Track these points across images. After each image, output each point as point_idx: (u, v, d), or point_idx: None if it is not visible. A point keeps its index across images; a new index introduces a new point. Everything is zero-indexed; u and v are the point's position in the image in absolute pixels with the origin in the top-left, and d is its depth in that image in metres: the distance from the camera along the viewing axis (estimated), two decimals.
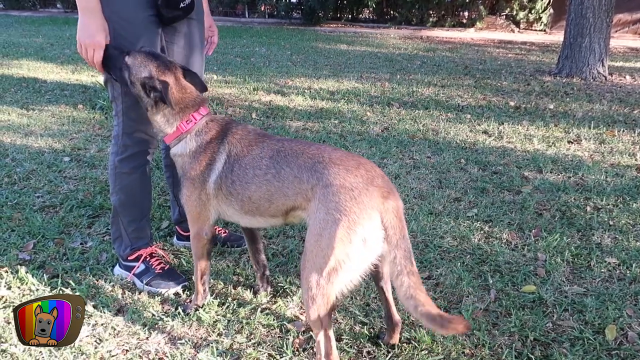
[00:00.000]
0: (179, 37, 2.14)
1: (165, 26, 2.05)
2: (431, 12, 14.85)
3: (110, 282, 2.23)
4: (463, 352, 1.86)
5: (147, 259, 2.23)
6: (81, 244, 2.55)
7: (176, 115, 1.88)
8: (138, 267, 2.22)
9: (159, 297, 2.14)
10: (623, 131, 4.59)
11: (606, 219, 2.88)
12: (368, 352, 1.86)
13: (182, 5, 1.98)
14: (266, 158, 1.74)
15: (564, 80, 7.00)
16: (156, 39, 2.01)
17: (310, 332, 1.93)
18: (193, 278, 2.23)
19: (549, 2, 14.30)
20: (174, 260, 2.43)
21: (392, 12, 15.76)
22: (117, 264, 2.30)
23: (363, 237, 1.50)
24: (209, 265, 2.05)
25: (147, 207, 2.29)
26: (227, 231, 2.58)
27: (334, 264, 1.50)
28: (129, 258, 2.24)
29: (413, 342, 1.90)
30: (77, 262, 2.37)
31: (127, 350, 1.85)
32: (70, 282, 2.22)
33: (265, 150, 1.77)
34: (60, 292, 2.15)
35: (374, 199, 1.52)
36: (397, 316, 1.84)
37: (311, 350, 1.85)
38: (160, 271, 2.21)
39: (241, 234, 2.59)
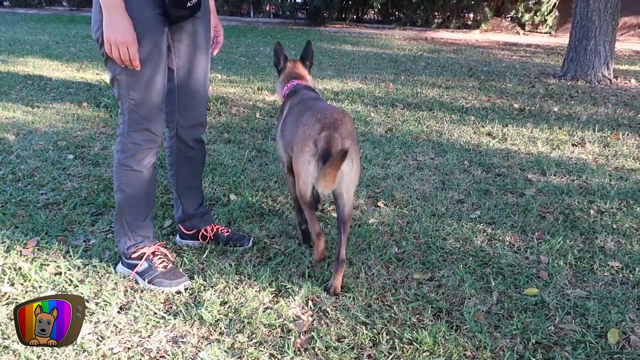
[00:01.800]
0: (185, 36, 2.14)
1: (171, 25, 2.05)
2: (436, 14, 14.83)
3: (112, 280, 2.24)
4: (464, 354, 1.86)
5: (150, 257, 2.24)
6: (84, 241, 2.56)
7: (282, 82, 2.74)
8: (141, 265, 2.22)
9: (161, 295, 2.15)
10: (628, 134, 4.57)
11: (610, 223, 2.87)
12: (369, 356, 1.86)
13: (189, 4, 1.98)
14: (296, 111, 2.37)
15: (568, 83, 6.98)
16: (163, 38, 2.01)
17: (312, 332, 1.94)
18: (198, 276, 2.24)
19: (555, 4, 14.27)
20: (177, 258, 2.44)
21: (397, 13, 15.75)
22: (120, 262, 2.31)
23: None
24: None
25: (150, 206, 2.29)
26: (229, 230, 2.59)
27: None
28: (131, 256, 2.24)
29: (415, 343, 1.90)
30: (80, 259, 2.38)
31: (128, 348, 1.86)
32: (73, 279, 2.22)
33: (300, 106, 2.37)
34: (63, 289, 2.16)
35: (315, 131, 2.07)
36: (343, 255, 2.18)
37: (312, 350, 1.86)
38: (163, 269, 2.22)
39: (244, 234, 2.60)
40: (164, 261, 2.25)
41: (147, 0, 1.92)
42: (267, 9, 16.38)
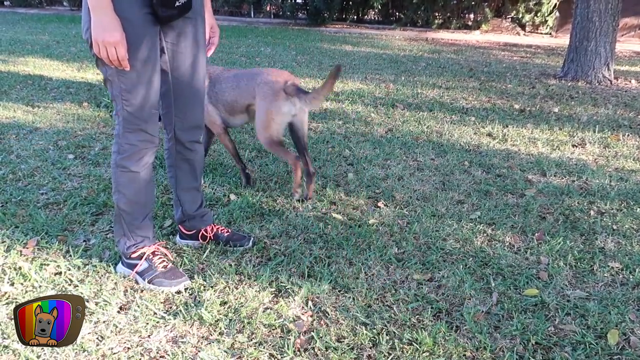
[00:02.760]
0: (179, 36, 2.12)
1: (161, 25, 2.03)
2: (437, 14, 14.84)
3: (112, 280, 2.24)
4: (464, 355, 1.86)
5: (150, 257, 2.24)
6: (84, 241, 2.56)
7: None
8: (140, 265, 2.22)
9: (161, 295, 2.15)
10: (628, 135, 4.57)
11: (610, 224, 2.87)
12: (369, 356, 1.86)
13: (177, 4, 1.95)
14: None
15: (569, 84, 6.99)
16: (154, 37, 1.99)
17: (312, 333, 1.94)
18: (197, 276, 2.24)
19: (555, 5, 14.27)
20: (177, 258, 2.44)
21: (397, 13, 15.76)
22: (120, 262, 2.31)
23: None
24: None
25: (150, 206, 2.29)
26: (229, 230, 2.59)
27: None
28: (131, 256, 2.24)
29: (415, 344, 1.90)
30: (80, 259, 2.38)
31: (128, 348, 1.86)
32: (73, 279, 2.22)
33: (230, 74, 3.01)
34: (63, 289, 2.16)
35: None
36: (312, 169, 3.03)
37: (312, 351, 1.86)
38: (163, 269, 2.21)
39: (244, 234, 2.60)
40: (163, 261, 2.25)
41: (136, 0, 1.89)
42: (268, 9, 16.40)
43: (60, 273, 2.27)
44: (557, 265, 2.44)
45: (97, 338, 1.90)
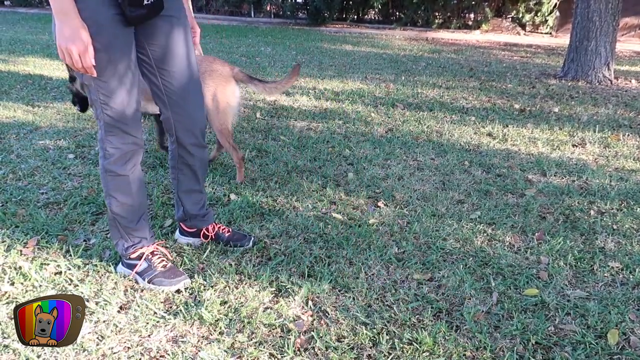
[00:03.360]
0: (159, 36, 2.05)
1: (134, 26, 1.96)
2: (437, 14, 14.84)
3: (112, 280, 2.24)
4: (464, 355, 1.86)
5: (149, 257, 2.23)
6: (84, 240, 2.56)
7: None
8: (140, 265, 2.22)
9: (162, 295, 2.15)
10: (628, 135, 4.57)
11: (610, 223, 2.87)
12: (369, 356, 1.86)
13: (146, 2, 1.88)
14: None
15: (569, 84, 6.98)
16: (126, 39, 1.93)
17: (312, 332, 1.94)
18: (197, 275, 2.24)
19: (556, 5, 14.27)
20: (177, 258, 2.44)
21: (397, 13, 15.75)
22: (120, 262, 2.30)
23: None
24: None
25: (143, 206, 2.26)
26: (230, 230, 2.59)
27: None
28: (130, 256, 2.24)
29: (415, 343, 1.90)
30: (81, 259, 2.38)
31: (128, 348, 1.86)
32: (73, 279, 2.23)
33: None
34: (63, 289, 2.16)
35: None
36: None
37: (312, 350, 1.86)
38: (163, 269, 2.21)
39: (244, 234, 2.59)
40: (163, 260, 2.25)
41: (103, 0, 1.82)
42: (268, 8, 16.40)
43: (61, 273, 2.27)
44: (557, 265, 2.44)
45: (98, 337, 1.90)
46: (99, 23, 1.83)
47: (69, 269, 2.30)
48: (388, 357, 1.84)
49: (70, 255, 2.41)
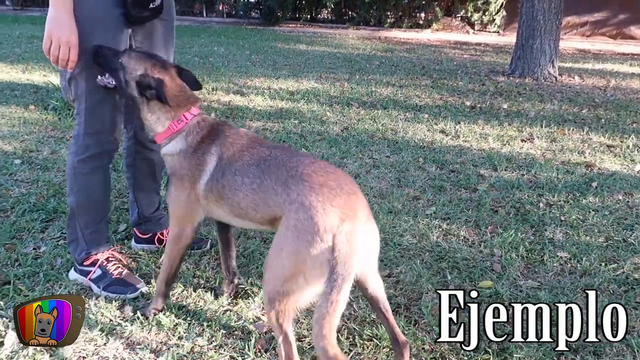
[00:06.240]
0: (152, 38, 2.10)
1: (134, 26, 2.01)
2: (389, 13, 15.06)
3: (65, 288, 2.17)
4: (423, 348, 1.89)
5: (104, 264, 2.17)
6: (34, 249, 2.47)
7: (167, 114, 1.87)
8: (94, 272, 2.16)
9: (117, 302, 2.09)
10: (573, 130, 4.76)
11: (558, 215, 2.98)
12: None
13: (151, 5, 1.94)
14: (253, 166, 1.74)
15: (516, 81, 7.21)
16: (123, 39, 1.97)
17: (272, 333, 1.93)
18: (154, 281, 2.20)
19: (502, 4, 14.69)
20: (132, 263, 2.38)
21: (350, 12, 15.90)
22: (73, 268, 2.23)
23: (316, 257, 1.48)
24: (178, 269, 2.05)
25: (105, 210, 2.23)
26: None
27: (291, 279, 1.52)
28: (84, 263, 2.17)
29: (375, 339, 1.92)
30: (30, 267, 2.29)
31: (84, 357, 1.80)
32: (23, 288, 2.14)
33: (254, 158, 1.76)
34: (12, 300, 2.08)
35: (329, 220, 1.49)
36: (402, 337, 1.72)
37: (273, 352, 1.85)
38: (118, 276, 2.16)
39: (201, 237, 2.56)
40: (118, 267, 2.20)
41: (110, 0, 1.88)
42: (220, 8, 16.24)
43: (9, 282, 2.18)
44: (509, 257, 2.52)
45: (50, 348, 1.83)
46: (102, 20, 1.87)
47: (18, 279, 2.21)
48: (349, 354, 1.86)
49: (20, 264, 2.32)
